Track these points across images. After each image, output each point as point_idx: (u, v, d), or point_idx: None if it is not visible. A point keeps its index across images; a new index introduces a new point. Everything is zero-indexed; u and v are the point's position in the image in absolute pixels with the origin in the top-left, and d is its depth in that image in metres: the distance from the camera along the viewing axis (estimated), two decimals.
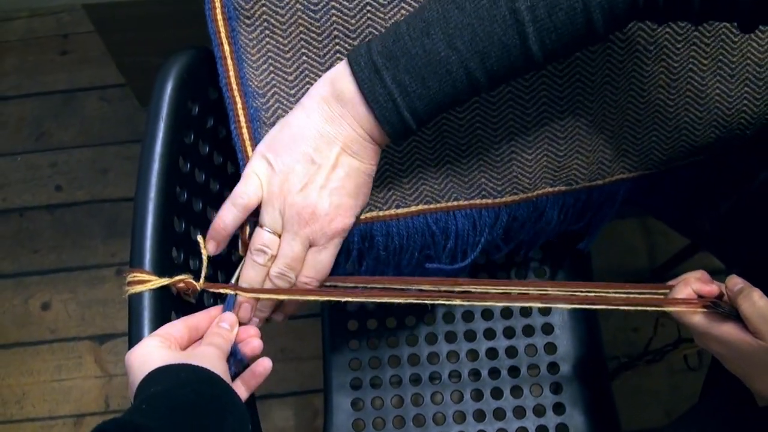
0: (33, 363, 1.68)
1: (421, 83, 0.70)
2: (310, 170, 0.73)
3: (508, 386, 1.05)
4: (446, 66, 0.69)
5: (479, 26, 0.68)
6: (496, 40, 0.68)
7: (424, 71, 0.70)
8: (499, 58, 0.69)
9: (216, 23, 0.81)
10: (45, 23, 1.97)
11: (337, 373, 1.08)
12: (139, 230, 0.73)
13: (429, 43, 0.69)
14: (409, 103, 0.71)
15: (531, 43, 0.68)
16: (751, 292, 0.73)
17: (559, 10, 0.67)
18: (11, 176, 1.83)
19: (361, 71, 0.71)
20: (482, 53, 0.69)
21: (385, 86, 0.70)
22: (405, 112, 0.71)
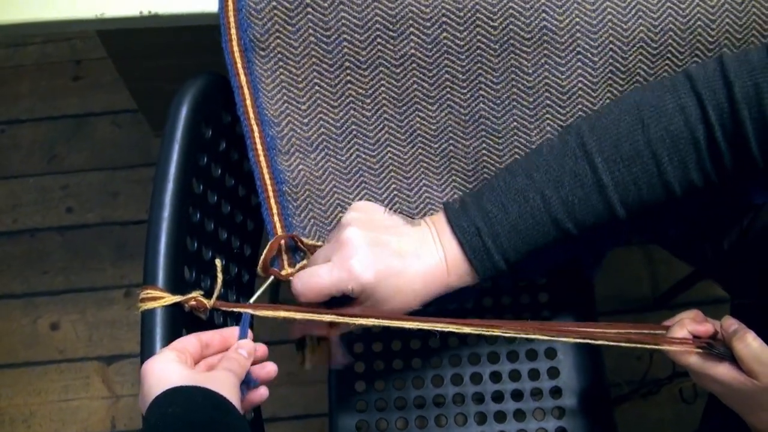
0: (41, 383, 1.69)
1: (502, 209, 0.75)
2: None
3: (512, 410, 1.06)
4: (523, 193, 0.75)
5: (553, 160, 0.75)
6: (568, 170, 0.74)
7: (504, 198, 0.75)
8: (573, 188, 0.74)
9: (232, 54, 0.83)
10: (58, 49, 2.00)
11: (342, 396, 1.09)
12: (153, 248, 0.74)
13: (509, 177, 0.77)
14: (491, 228, 0.75)
15: (601, 172, 0.74)
16: (745, 334, 0.74)
17: (623, 143, 0.73)
18: (23, 198, 1.85)
19: (450, 207, 0.78)
20: (556, 181, 0.74)
21: (468, 216, 0.76)
22: (486, 238, 0.75)
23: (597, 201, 0.75)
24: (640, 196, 0.75)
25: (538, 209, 0.75)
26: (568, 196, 0.74)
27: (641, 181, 0.74)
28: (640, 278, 1.70)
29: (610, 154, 0.74)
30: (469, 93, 0.86)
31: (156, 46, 1.50)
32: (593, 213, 0.75)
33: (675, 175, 0.73)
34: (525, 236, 0.76)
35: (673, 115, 0.73)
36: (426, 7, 0.82)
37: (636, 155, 0.73)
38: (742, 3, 0.82)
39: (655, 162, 0.73)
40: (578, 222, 0.75)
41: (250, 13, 0.82)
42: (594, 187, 0.74)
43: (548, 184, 0.75)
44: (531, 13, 0.82)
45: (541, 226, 0.75)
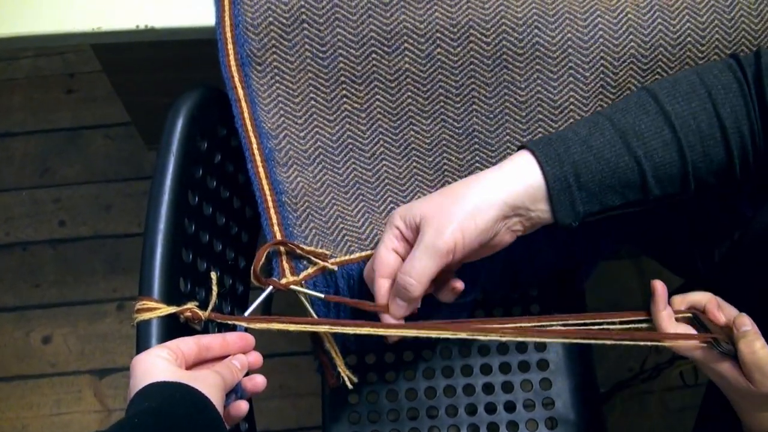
0: (33, 396, 1.68)
1: (571, 129, 0.77)
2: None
3: (504, 421, 1.06)
4: (592, 119, 0.78)
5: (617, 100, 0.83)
6: (632, 103, 0.78)
7: (574, 125, 0.78)
8: (638, 115, 0.76)
9: (230, 69, 0.84)
10: (51, 62, 2.00)
11: (335, 408, 1.09)
12: (149, 260, 0.75)
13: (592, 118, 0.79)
14: (561, 139, 0.75)
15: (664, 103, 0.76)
16: (755, 340, 0.74)
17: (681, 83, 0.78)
18: (15, 211, 1.85)
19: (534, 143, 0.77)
20: (622, 110, 0.77)
21: (539, 140, 0.77)
22: (558, 144, 0.75)
23: (663, 128, 0.75)
24: (701, 137, 0.75)
25: (607, 129, 0.76)
26: (635, 120, 0.76)
27: (700, 118, 0.75)
28: (631, 290, 1.71)
29: (669, 91, 0.77)
30: (463, 107, 0.87)
31: (150, 59, 1.50)
32: (662, 141, 0.75)
33: (729, 120, 0.75)
34: (597, 153, 0.75)
35: (723, 69, 0.77)
36: (420, 23, 0.83)
37: (692, 92, 0.76)
38: (732, 19, 0.83)
39: (711, 101, 0.75)
40: (648, 151, 0.75)
41: (246, 29, 0.83)
42: (659, 114, 0.76)
43: (615, 112, 0.77)
44: (524, 29, 0.83)
45: (612, 145, 0.75)
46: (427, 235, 0.73)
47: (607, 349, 1.44)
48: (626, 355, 1.61)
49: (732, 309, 0.80)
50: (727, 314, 0.79)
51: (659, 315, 0.81)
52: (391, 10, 0.83)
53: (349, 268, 0.85)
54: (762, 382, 0.73)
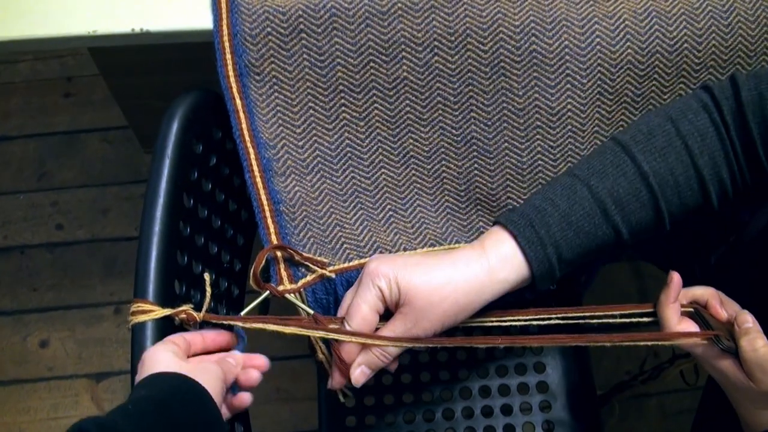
0: (30, 400, 1.68)
1: (551, 204, 0.76)
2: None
3: (501, 424, 1.06)
4: (570, 187, 0.77)
5: (593, 158, 0.79)
6: (608, 163, 0.78)
7: (552, 195, 0.77)
8: (616, 177, 0.76)
9: (228, 79, 0.84)
10: (49, 66, 2.00)
11: (332, 413, 1.09)
12: (143, 262, 0.75)
13: (553, 180, 0.80)
14: (542, 219, 0.76)
15: (641, 161, 0.76)
16: (756, 338, 0.74)
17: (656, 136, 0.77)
18: (13, 214, 1.85)
19: (500, 215, 0.80)
20: (600, 173, 0.77)
21: (518, 211, 0.77)
22: (539, 227, 0.75)
23: (641, 190, 0.76)
24: (678, 191, 0.76)
25: (586, 199, 0.76)
26: (613, 185, 0.76)
27: (678, 172, 0.76)
28: (628, 293, 1.71)
29: (645, 146, 0.76)
30: (461, 115, 0.87)
31: (147, 63, 1.50)
32: (639, 203, 0.76)
33: (707, 169, 0.76)
34: (576, 228, 0.75)
35: (698, 111, 0.77)
36: (418, 31, 0.83)
37: (669, 146, 0.76)
38: (729, 25, 0.83)
39: (688, 152, 0.76)
40: (626, 215, 0.76)
41: (245, 39, 0.83)
42: (636, 176, 0.76)
43: (592, 176, 0.77)
44: (521, 37, 0.83)
45: (591, 217, 0.76)
46: (410, 323, 0.75)
47: (604, 353, 1.45)
48: (624, 359, 1.61)
49: (734, 305, 0.80)
50: (729, 310, 0.79)
51: (667, 307, 0.80)
52: (388, 19, 0.83)
53: (348, 276, 0.85)
54: (763, 380, 0.73)
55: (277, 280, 0.82)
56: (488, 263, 0.75)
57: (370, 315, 0.75)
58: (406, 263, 0.75)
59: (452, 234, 0.89)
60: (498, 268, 0.75)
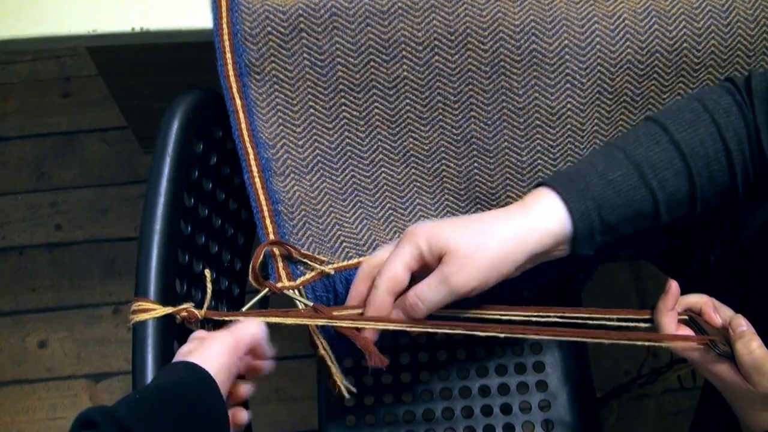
0: (29, 401, 1.68)
1: (590, 164, 0.77)
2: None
3: (501, 423, 1.07)
4: (606, 152, 0.78)
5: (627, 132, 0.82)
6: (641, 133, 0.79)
7: (590, 158, 0.79)
8: (650, 145, 0.77)
9: (228, 79, 0.84)
10: (48, 66, 2.00)
11: (332, 412, 1.09)
12: (144, 261, 0.75)
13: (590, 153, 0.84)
14: (582, 176, 0.76)
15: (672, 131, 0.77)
16: (752, 340, 0.74)
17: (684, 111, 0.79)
18: (11, 215, 1.85)
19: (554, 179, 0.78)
20: (634, 141, 0.78)
21: (558, 173, 0.78)
22: (579, 180, 0.75)
23: (674, 157, 0.76)
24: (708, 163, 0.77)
25: (623, 161, 0.76)
26: (648, 152, 0.76)
27: (707, 143, 0.77)
28: (628, 293, 1.71)
29: (675, 119, 0.78)
30: (461, 114, 0.87)
31: (146, 63, 1.50)
32: (673, 170, 0.76)
33: (733, 143, 0.76)
34: (615, 188, 0.76)
35: (722, 94, 0.78)
36: (418, 31, 0.83)
37: (697, 119, 0.77)
38: (728, 24, 0.84)
39: (715, 125, 0.77)
40: (661, 181, 0.76)
41: (245, 38, 0.83)
42: (669, 144, 0.77)
43: (627, 143, 0.78)
44: (521, 36, 0.84)
45: (628, 177, 0.76)
46: (450, 271, 0.72)
47: (603, 353, 1.45)
48: (622, 359, 1.61)
49: (728, 310, 0.80)
50: (723, 316, 0.79)
51: (665, 314, 0.81)
52: (389, 18, 0.83)
53: (347, 273, 0.85)
54: (760, 382, 0.73)
55: (276, 277, 0.82)
56: (530, 214, 0.75)
57: (402, 273, 0.74)
58: (446, 222, 0.74)
59: None
60: (540, 217, 0.75)
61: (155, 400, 0.61)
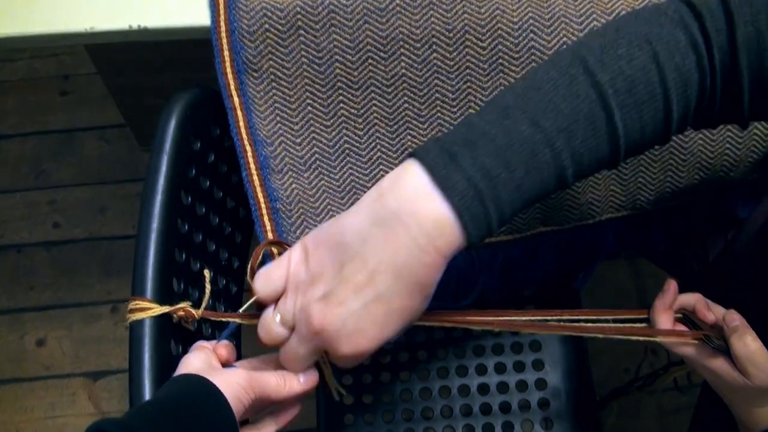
0: (27, 399, 1.68)
1: (506, 167, 0.60)
2: (334, 281, 0.62)
3: (500, 422, 1.06)
4: (531, 146, 0.60)
5: (562, 103, 0.61)
6: (581, 117, 0.61)
7: (508, 153, 0.60)
8: (586, 139, 0.62)
9: (226, 76, 0.84)
10: (46, 64, 2.00)
11: (330, 410, 1.09)
12: (141, 260, 0.75)
13: (509, 123, 0.61)
14: (493, 191, 0.60)
15: (617, 121, 0.62)
16: (745, 334, 0.75)
17: (638, 84, 0.62)
18: (10, 213, 1.85)
19: (433, 159, 0.60)
20: (569, 131, 0.61)
21: (463, 172, 0.59)
22: (489, 203, 0.60)
23: (605, 150, 0.63)
24: (642, 143, 0.65)
25: (546, 166, 0.61)
26: (579, 147, 0.62)
27: (648, 126, 0.64)
28: (627, 291, 1.71)
29: (625, 98, 0.62)
30: (459, 111, 0.86)
31: (144, 61, 1.50)
32: (597, 162, 0.64)
33: (678, 118, 0.65)
34: (526, 194, 0.62)
35: (686, 52, 0.63)
36: (416, 28, 0.83)
37: (650, 99, 0.63)
38: None
39: (666, 106, 0.63)
40: (580, 174, 0.64)
41: (242, 36, 0.83)
42: (606, 137, 0.63)
43: (560, 134, 0.61)
44: (519, 34, 0.83)
45: (545, 184, 0.63)
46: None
47: (603, 351, 1.45)
48: (622, 357, 1.61)
49: (720, 308, 0.80)
50: (716, 313, 0.80)
51: (662, 311, 0.81)
52: (386, 15, 0.83)
53: None
54: (756, 375, 0.74)
55: None
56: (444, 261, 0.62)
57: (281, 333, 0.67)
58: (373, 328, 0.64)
59: None
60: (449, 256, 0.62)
61: (169, 413, 0.60)
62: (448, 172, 0.59)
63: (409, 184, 0.60)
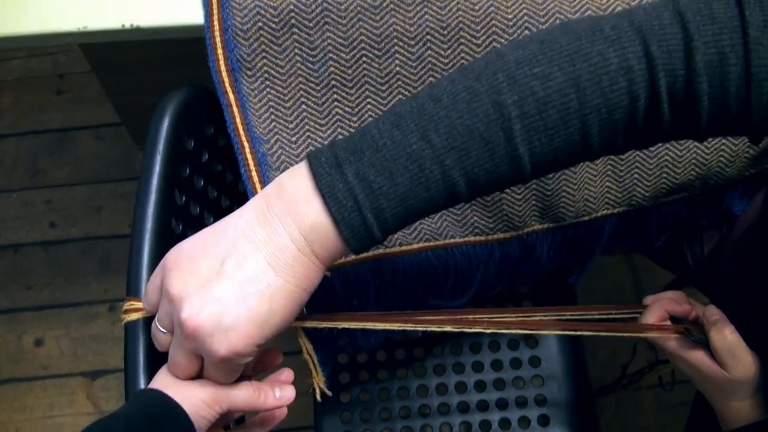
0: (25, 399, 1.68)
1: (389, 179, 0.58)
2: (211, 275, 0.60)
3: (497, 418, 1.07)
4: (418, 161, 0.58)
5: (458, 119, 0.58)
6: (477, 136, 0.58)
7: (392, 165, 0.58)
8: (480, 159, 0.59)
9: (220, 74, 0.84)
10: (41, 63, 1.99)
11: (327, 407, 1.09)
12: (136, 260, 0.74)
13: (399, 135, 0.59)
14: (373, 202, 0.59)
15: (518, 143, 0.58)
16: (724, 327, 0.78)
17: (551, 108, 0.58)
18: (6, 213, 1.85)
19: (320, 165, 0.59)
20: (461, 149, 0.58)
21: (346, 181, 0.59)
22: (368, 213, 0.59)
23: (506, 171, 0.60)
24: (555, 164, 0.61)
25: (434, 181, 0.59)
26: (474, 167, 0.59)
27: (561, 152, 0.60)
28: (623, 286, 1.71)
29: (532, 121, 0.58)
30: None
31: (139, 59, 1.50)
32: (498, 182, 0.61)
33: (600, 144, 0.60)
34: (412, 209, 0.60)
35: (616, 77, 0.57)
36: (410, 25, 0.83)
37: (563, 125, 0.58)
38: None
39: (583, 133, 0.59)
40: (478, 192, 0.62)
41: (236, 34, 0.83)
42: (506, 158, 0.59)
43: (450, 152, 0.58)
44: (513, 30, 0.83)
45: (435, 199, 0.60)
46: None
47: (599, 346, 1.45)
48: (620, 352, 1.61)
49: (700, 305, 0.83)
50: (698, 309, 0.83)
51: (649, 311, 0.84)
52: (380, 13, 0.83)
53: (345, 271, 0.85)
54: (735, 366, 0.76)
55: None
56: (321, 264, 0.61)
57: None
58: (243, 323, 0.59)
59: (447, 229, 0.89)
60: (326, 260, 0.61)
61: (114, 426, 0.59)
62: (331, 180, 0.59)
63: (295, 186, 0.60)
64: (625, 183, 0.91)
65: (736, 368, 0.76)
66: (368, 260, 0.85)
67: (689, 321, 0.82)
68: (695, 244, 1.01)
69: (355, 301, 0.87)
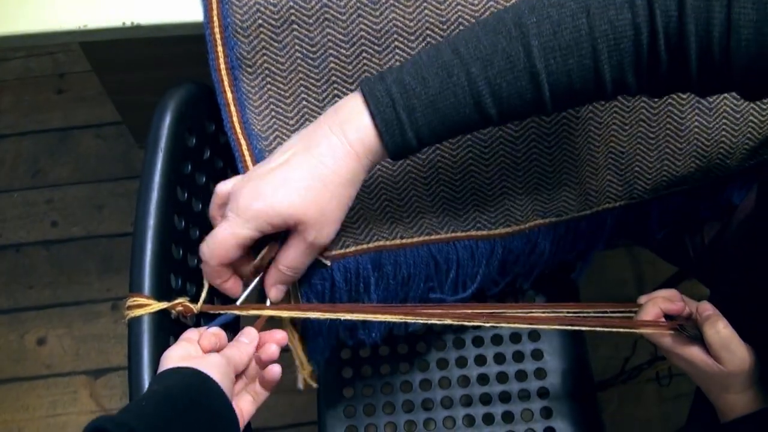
0: (28, 398, 1.68)
1: (421, 83, 0.68)
2: (271, 160, 0.72)
3: (500, 411, 1.07)
4: (447, 69, 0.68)
5: (484, 36, 0.67)
6: (500, 50, 0.67)
7: (425, 72, 0.68)
8: (502, 70, 0.67)
9: (219, 72, 0.84)
10: (41, 63, 2.00)
11: (330, 402, 1.09)
12: (139, 257, 0.74)
13: (434, 51, 0.69)
14: (407, 101, 0.68)
15: (535, 58, 0.66)
16: (717, 321, 0.79)
17: (564, 29, 0.66)
18: (8, 213, 1.85)
19: (367, 81, 0.70)
20: (485, 60, 0.67)
21: (385, 84, 0.69)
22: (401, 110, 0.68)
23: (526, 87, 0.68)
24: (570, 88, 0.68)
25: (461, 87, 0.68)
26: (497, 77, 0.67)
27: (575, 74, 0.67)
28: (625, 279, 1.71)
29: (547, 40, 0.66)
30: None
31: (139, 58, 1.50)
32: (520, 99, 0.69)
33: (611, 73, 0.67)
34: (443, 115, 0.69)
35: (621, 9, 0.65)
36: (410, 21, 0.83)
37: (575, 46, 0.66)
38: None
39: (594, 57, 0.67)
40: (502, 108, 0.69)
41: (236, 31, 0.83)
42: (525, 72, 0.67)
43: (476, 61, 0.67)
44: None
45: (462, 106, 0.69)
46: (313, 237, 0.72)
47: (602, 340, 1.45)
48: (622, 346, 1.61)
49: (693, 301, 0.84)
50: (691, 306, 0.84)
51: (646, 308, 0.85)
52: (380, 9, 0.83)
53: (345, 262, 0.85)
54: (730, 360, 0.77)
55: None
56: (354, 151, 0.70)
57: (234, 251, 0.73)
58: (275, 189, 0.70)
59: (448, 223, 0.89)
60: (362, 153, 0.70)
61: (165, 406, 0.61)
62: (373, 85, 0.69)
63: (345, 101, 0.71)
64: (626, 176, 0.91)
65: (731, 361, 0.77)
66: (370, 252, 0.85)
67: (683, 318, 0.83)
68: (696, 236, 1.01)
69: (355, 294, 0.87)
